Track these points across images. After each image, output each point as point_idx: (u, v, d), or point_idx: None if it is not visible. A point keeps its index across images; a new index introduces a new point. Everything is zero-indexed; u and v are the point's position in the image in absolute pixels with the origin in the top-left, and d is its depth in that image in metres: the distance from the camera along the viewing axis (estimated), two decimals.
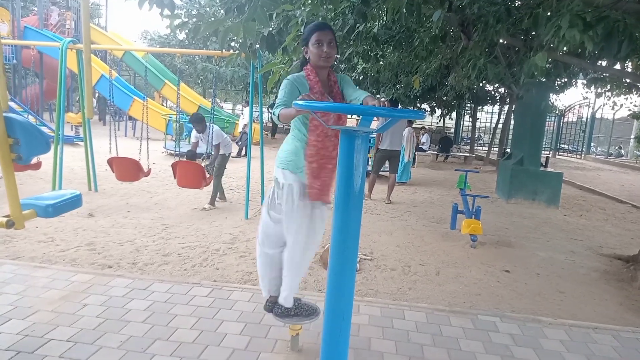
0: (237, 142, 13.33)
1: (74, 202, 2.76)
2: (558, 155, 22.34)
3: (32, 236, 4.60)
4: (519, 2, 5.46)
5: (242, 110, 23.71)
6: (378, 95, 14.32)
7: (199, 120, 6.35)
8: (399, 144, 7.82)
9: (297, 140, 2.42)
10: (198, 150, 6.73)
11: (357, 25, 4.64)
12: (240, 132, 14.37)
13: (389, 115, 1.69)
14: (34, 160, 6.21)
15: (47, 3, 18.37)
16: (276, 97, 2.45)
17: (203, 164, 6.23)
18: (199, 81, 22.68)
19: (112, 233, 4.95)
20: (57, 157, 6.42)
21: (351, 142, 1.75)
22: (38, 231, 4.77)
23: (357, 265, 4.26)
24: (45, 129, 11.74)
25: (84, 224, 5.21)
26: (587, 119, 23.01)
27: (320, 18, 4.28)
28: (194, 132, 6.61)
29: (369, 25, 5.35)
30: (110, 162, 6.12)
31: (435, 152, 16.16)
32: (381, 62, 8.28)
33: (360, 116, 1.72)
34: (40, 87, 16.97)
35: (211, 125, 6.30)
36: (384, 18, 5.67)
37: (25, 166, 5.88)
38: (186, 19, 3.63)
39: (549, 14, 3.84)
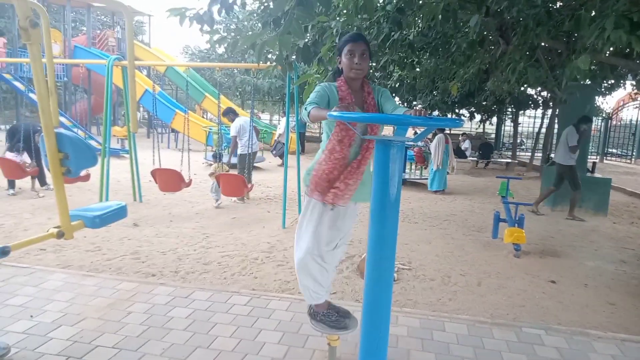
0: (271, 151, 13.55)
1: (119, 212, 2.89)
2: (606, 160, 21.35)
3: (80, 246, 4.81)
4: (560, 4, 5.29)
5: (279, 120, 24.12)
6: (415, 102, 14.19)
7: (229, 112, 7.80)
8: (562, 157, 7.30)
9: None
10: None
11: (392, 33, 4.62)
12: (275, 141, 14.58)
13: (424, 124, 1.68)
14: (83, 173, 6.53)
15: (96, 23, 19.32)
16: None
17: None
18: (238, 93, 23.21)
19: (155, 242, 5.10)
20: (104, 170, 6.71)
21: (386, 152, 1.74)
22: (86, 241, 4.99)
23: (395, 275, 4.21)
24: (92, 142, 12.31)
25: (129, 233, 5.41)
26: (637, 121, 21.92)
27: (355, 28, 4.30)
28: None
29: (404, 32, 5.32)
30: (154, 173, 6.34)
31: (475, 159, 15.77)
32: (417, 69, 8.18)
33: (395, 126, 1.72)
34: (88, 102, 17.79)
35: (237, 118, 7.29)
36: (420, 25, 5.62)
37: (75, 178, 6.18)
38: (225, 34, 3.74)
39: (592, 14, 3.71)
